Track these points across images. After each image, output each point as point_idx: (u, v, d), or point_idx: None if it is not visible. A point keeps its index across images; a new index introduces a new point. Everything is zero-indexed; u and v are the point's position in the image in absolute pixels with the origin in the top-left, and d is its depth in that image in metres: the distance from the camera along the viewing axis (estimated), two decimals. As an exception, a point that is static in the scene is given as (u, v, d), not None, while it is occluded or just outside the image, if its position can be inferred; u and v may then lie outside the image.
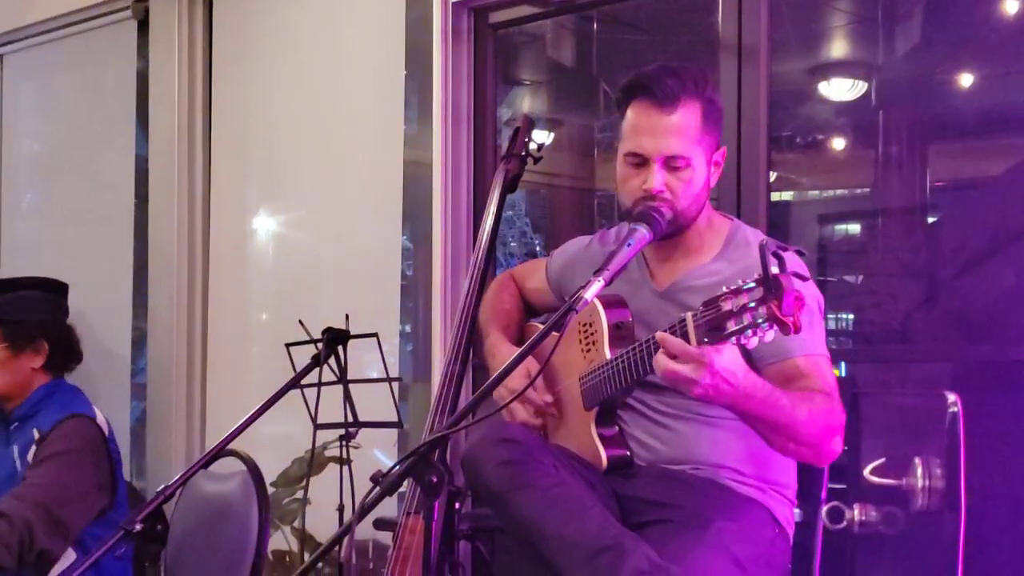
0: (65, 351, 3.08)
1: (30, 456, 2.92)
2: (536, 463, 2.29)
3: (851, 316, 3.84)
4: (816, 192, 4.51)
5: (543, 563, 2.30)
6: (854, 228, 4.30)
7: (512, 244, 4.91)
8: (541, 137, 3.51)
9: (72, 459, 2.90)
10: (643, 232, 2.27)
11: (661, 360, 2.07)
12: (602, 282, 2.09)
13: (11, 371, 3.01)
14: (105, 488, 2.95)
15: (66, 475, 2.88)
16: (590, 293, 2.07)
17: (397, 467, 2.13)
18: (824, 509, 2.52)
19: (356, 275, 4.21)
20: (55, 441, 2.91)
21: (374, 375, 3.59)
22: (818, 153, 4.31)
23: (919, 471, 2.58)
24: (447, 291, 3.85)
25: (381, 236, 4.16)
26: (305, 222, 4.45)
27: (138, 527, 2.27)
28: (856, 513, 2.63)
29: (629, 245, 2.21)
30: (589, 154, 4.70)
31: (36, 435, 2.94)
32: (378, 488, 2.17)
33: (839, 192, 4.58)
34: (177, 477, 2.41)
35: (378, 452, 3.69)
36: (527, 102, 4.83)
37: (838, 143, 4.44)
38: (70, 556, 2.90)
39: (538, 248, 4.80)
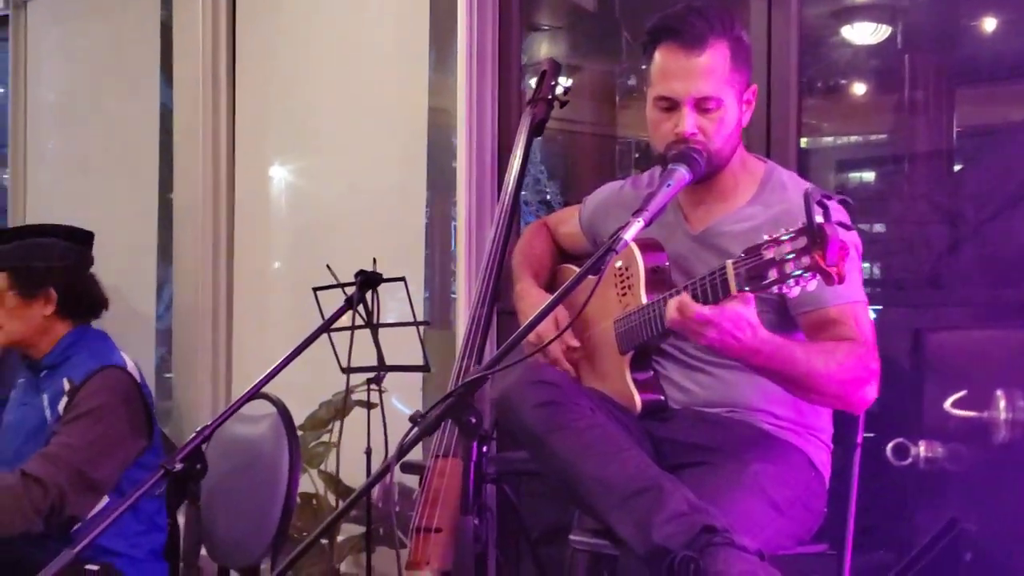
0: (79, 299, 3.06)
1: (60, 407, 2.92)
2: (572, 405, 2.30)
3: (873, 264, 3.84)
4: (831, 138, 4.48)
5: (580, 504, 2.32)
6: (868, 175, 4.28)
7: (525, 192, 4.89)
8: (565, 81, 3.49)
9: (105, 413, 2.90)
10: (682, 172, 2.26)
11: (670, 308, 2.09)
12: (641, 222, 2.08)
13: (23, 319, 3.00)
14: (140, 433, 2.96)
15: (99, 431, 2.88)
16: (629, 233, 2.06)
17: (436, 408, 2.15)
18: (889, 446, 2.53)
19: (379, 222, 4.21)
20: (87, 397, 2.90)
21: (391, 320, 3.61)
22: (840, 98, 4.28)
23: (1002, 404, 2.57)
24: (471, 237, 3.85)
25: (404, 183, 4.16)
26: (328, 169, 4.45)
27: (178, 467, 2.29)
28: (922, 449, 2.63)
29: (668, 186, 2.21)
30: (609, 100, 4.68)
31: (67, 385, 2.94)
32: (417, 428, 2.19)
33: (861, 138, 4.55)
34: (215, 417, 2.41)
35: (396, 401, 3.71)
36: (545, 48, 4.80)
37: (861, 88, 4.41)
38: (103, 500, 2.92)
39: (549, 196, 4.78)
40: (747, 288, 1.98)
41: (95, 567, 2.85)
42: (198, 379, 4.62)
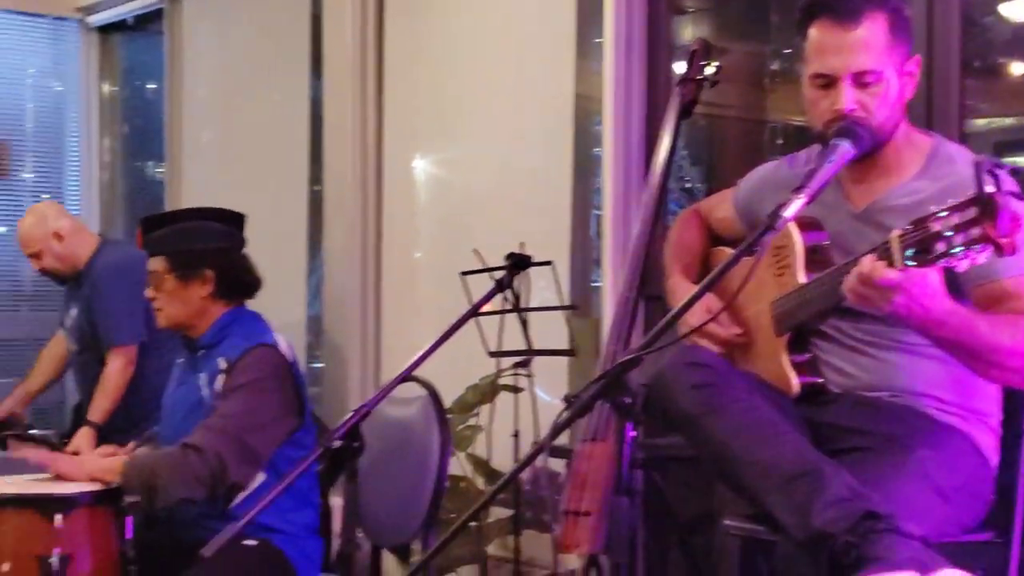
0: (235, 279, 3.12)
1: (218, 385, 2.99)
2: (728, 387, 2.27)
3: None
4: (989, 120, 4.34)
5: (736, 488, 2.30)
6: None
7: (667, 179, 4.84)
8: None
9: (259, 387, 2.96)
10: (846, 147, 2.21)
11: (850, 277, 2.04)
12: (803, 199, 2.04)
13: (182, 301, 3.07)
14: (292, 412, 3.01)
15: (255, 403, 2.94)
16: (790, 211, 2.03)
17: (590, 389, 2.14)
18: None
19: (523, 210, 4.23)
20: (242, 372, 2.96)
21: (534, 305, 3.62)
22: (999, 78, 4.15)
23: None
24: (617, 223, 3.84)
25: (549, 171, 4.17)
26: (474, 157, 4.48)
27: (336, 444, 2.32)
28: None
29: (831, 161, 2.16)
30: (757, 84, 4.60)
31: (223, 364, 3.01)
32: (570, 409, 2.19)
33: (1020, 120, 4.40)
34: (370, 397, 2.45)
35: (538, 389, 3.71)
36: (691, 30, 4.75)
37: (1021, 68, 4.26)
38: (260, 477, 2.98)
39: (691, 184, 4.73)
40: (913, 263, 1.92)
41: (253, 542, 2.92)
42: (347, 366, 4.70)
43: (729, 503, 2.71)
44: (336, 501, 3.21)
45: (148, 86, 6.57)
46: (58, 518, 2.74)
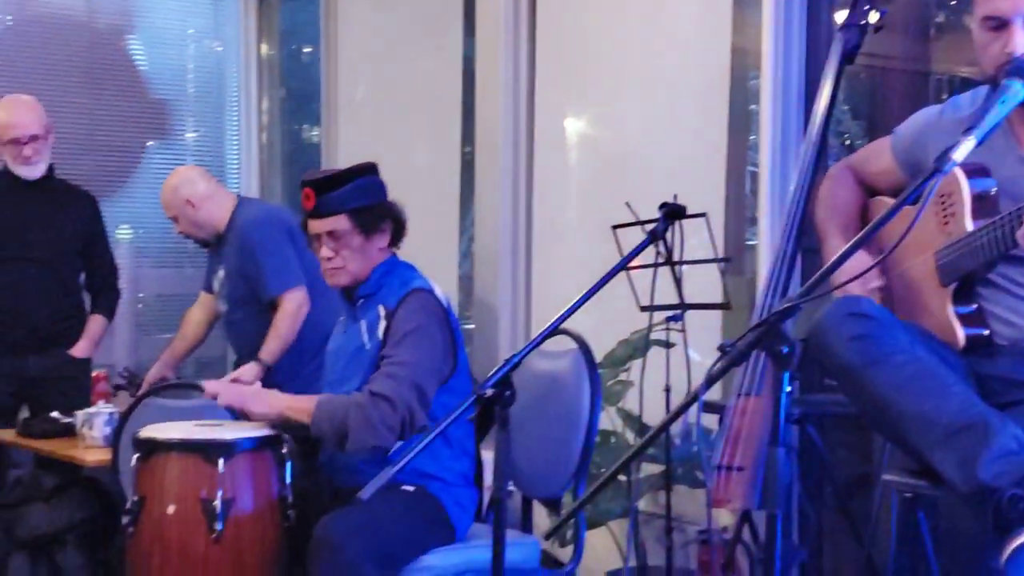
0: (401, 231, 3.18)
1: (379, 332, 3.03)
2: (890, 338, 2.22)
3: None
4: None
5: (897, 441, 2.24)
6: None
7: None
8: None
9: (425, 334, 3.00)
10: (1017, 87, 2.12)
11: None
12: (973, 141, 1.96)
13: (364, 255, 3.12)
14: (449, 358, 3.05)
15: (425, 350, 2.98)
16: (959, 153, 1.95)
17: (746, 337, 2.11)
18: None
19: (676, 165, 4.18)
20: (405, 319, 3.00)
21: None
22: None
23: None
24: (775, 174, 3.77)
25: (703, 125, 4.11)
26: (627, 113, 4.44)
27: (489, 392, 2.34)
28: None
29: (1002, 102, 2.08)
30: (922, 34, 4.45)
31: (382, 312, 3.05)
32: (725, 358, 2.15)
33: None
34: (523, 347, 2.45)
35: (692, 344, 3.66)
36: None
37: None
38: (418, 423, 3.01)
39: (850, 140, 4.60)
40: None
41: (411, 488, 2.96)
42: (497, 325, 4.72)
43: (889, 460, 2.64)
44: (488, 454, 3.25)
45: (304, 49, 6.67)
46: (221, 463, 2.82)
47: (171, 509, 2.80)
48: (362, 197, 3.12)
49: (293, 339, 4.20)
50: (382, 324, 3.03)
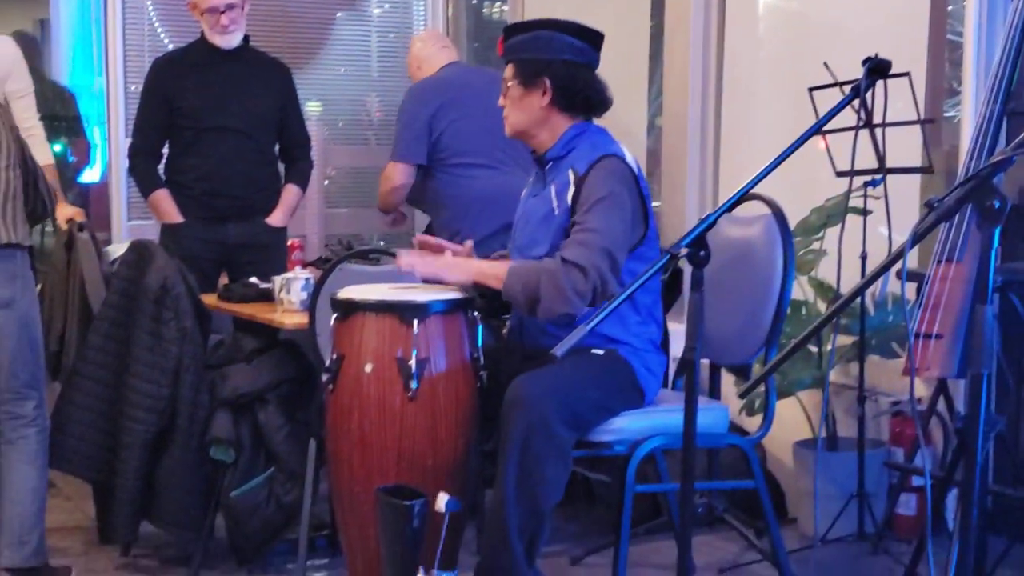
0: (575, 93, 3.11)
1: (568, 197, 3.03)
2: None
3: None
4: None
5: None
6: None
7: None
8: None
9: (616, 201, 2.97)
10: None
11: None
12: None
13: (522, 109, 3.11)
14: (638, 225, 3.03)
15: (616, 218, 2.96)
16: None
17: (955, 192, 2.03)
18: None
19: (876, 26, 4.02)
20: (595, 185, 2.98)
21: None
22: None
23: None
24: (981, 31, 3.60)
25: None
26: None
27: (684, 251, 2.32)
28: None
29: None
30: None
31: (571, 176, 3.04)
32: (933, 213, 2.08)
33: None
34: (718, 208, 2.42)
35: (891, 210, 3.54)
36: None
37: None
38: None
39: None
40: None
41: (600, 351, 2.98)
42: (685, 200, 4.67)
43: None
44: (675, 327, 3.24)
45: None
46: (415, 323, 2.88)
47: (368, 367, 2.88)
48: (530, 49, 3.10)
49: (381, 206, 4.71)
50: (571, 190, 3.02)
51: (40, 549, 3.66)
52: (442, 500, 2.65)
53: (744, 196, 2.58)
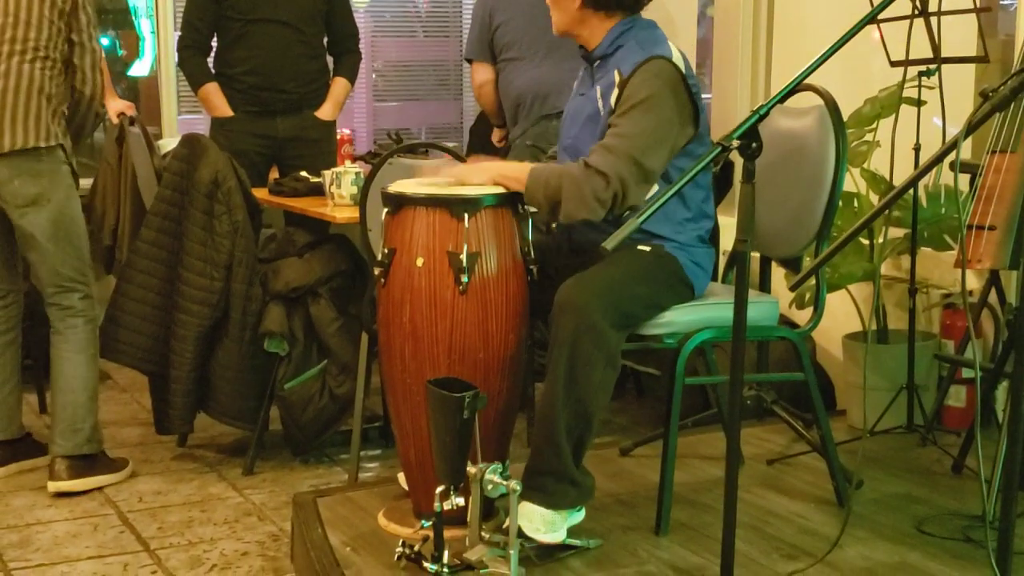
0: None
1: (612, 99, 2.99)
2: None
3: None
4: None
5: None
6: None
7: None
8: None
9: (654, 103, 2.93)
10: None
11: None
12: None
13: (561, 8, 3.08)
14: (687, 122, 2.98)
15: (652, 122, 2.92)
16: None
17: (1011, 80, 2.01)
18: None
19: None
20: (636, 88, 2.94)
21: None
22: None
23: None
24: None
25: None
26: None
27: (735, 143, 2.30)
28: None
29: None
30: None
31: (616, 77, 3.00)
32: (988, 103, 2.06)
33: None
34: (770, 99, 2.39)
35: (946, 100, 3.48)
36: None
37: None
38: (652, 189, 3.00)
39: None
40: None
41: (647, 247, 2.98)
42: (737, 78, 4.61)
43: None
44: (725, 220, 3.22)
45: None
46: (466, 217, 2.88)
47: (420, 261, 2.90)
48: None
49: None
50: (615, 91, 2.99)
51: (93, 437, 3.76)
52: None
53: (796, 87, 2.54)
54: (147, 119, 5.19)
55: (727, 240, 2.73)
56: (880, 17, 2.68)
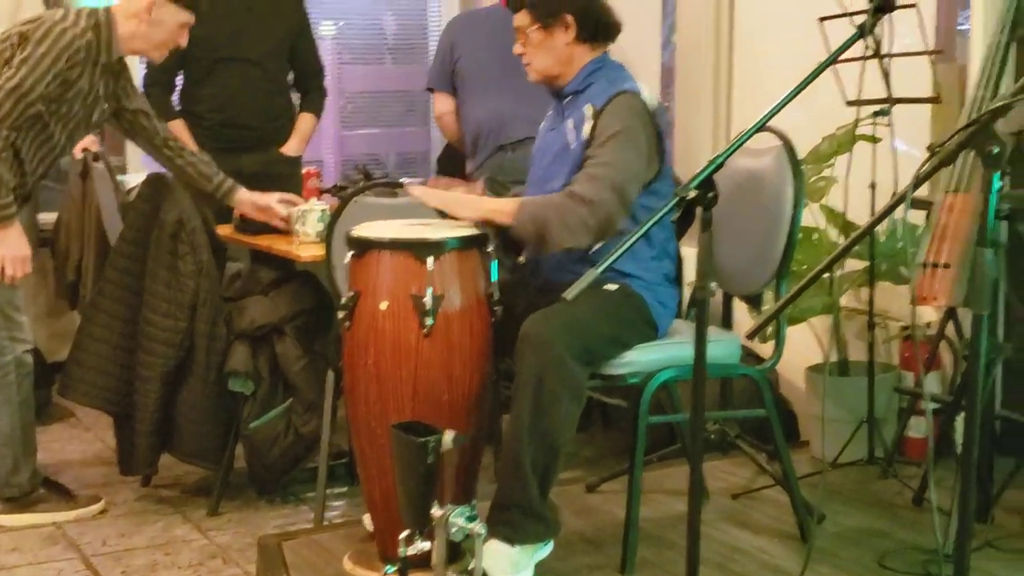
0: (595, 22, 3.12)
1: (585, 131, 3.04)
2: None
3: None
4: None
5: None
6: None
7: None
8: None
9: (630, 136, 2.98)
10: None
11: None
12: None
13: (548, 50, 3.10)
14: (652, 161, 3.04)
15: (629, 153, 2.97)
16: None
17: (956, 136, 2.06)
18: None
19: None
20: (611, 120, 2.99)
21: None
22: None
23: None
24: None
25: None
26: None
27: (692, 193, 2.33)
28: None
29: None
30: None
31: (589, 111, 3.05)
32: (934, 158, 2.11)
33: None
34: (728, 148, 2.43)
35: (899, 142, 3.54)
36: None
37: None
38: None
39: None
40: None
41: (613, 287, 3.02)
42: (699, 120, 4.66)
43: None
44: (688, 251, 3.26)
45: None
46: (430, 260, 2.91)
47: (384, 305, 2.91)
48: None
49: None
50: (588, 124, 3.03)
51: (11, 482, 3.74)
52: (448, 437, 2.70)
53: (758, 128, 2.58)
54: (111, 150, 5.17)
55: (690, 272, 2.76)
56: (839, 59, 2.73)
